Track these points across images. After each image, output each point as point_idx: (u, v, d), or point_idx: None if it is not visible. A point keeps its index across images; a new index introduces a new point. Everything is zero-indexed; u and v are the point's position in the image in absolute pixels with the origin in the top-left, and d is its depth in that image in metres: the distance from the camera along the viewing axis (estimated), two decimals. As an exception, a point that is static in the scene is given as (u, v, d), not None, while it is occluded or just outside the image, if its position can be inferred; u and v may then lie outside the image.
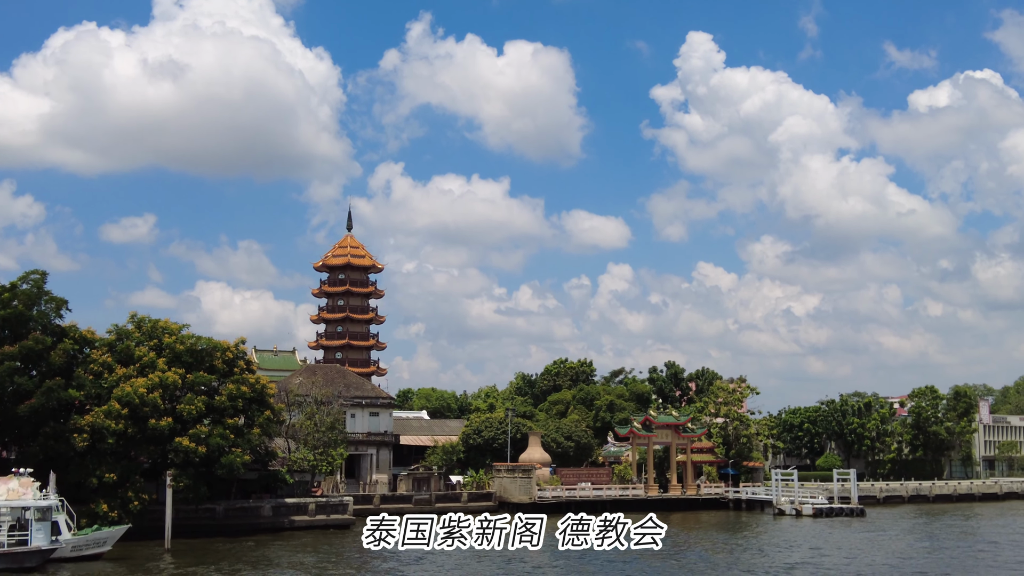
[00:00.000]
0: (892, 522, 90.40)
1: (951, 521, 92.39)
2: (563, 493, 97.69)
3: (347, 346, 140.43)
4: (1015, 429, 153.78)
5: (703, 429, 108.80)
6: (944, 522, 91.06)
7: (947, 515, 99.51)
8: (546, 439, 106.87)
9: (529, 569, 54.60)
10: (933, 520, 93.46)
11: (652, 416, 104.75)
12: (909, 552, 65.50)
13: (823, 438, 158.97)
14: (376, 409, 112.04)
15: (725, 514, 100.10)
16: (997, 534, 79.41)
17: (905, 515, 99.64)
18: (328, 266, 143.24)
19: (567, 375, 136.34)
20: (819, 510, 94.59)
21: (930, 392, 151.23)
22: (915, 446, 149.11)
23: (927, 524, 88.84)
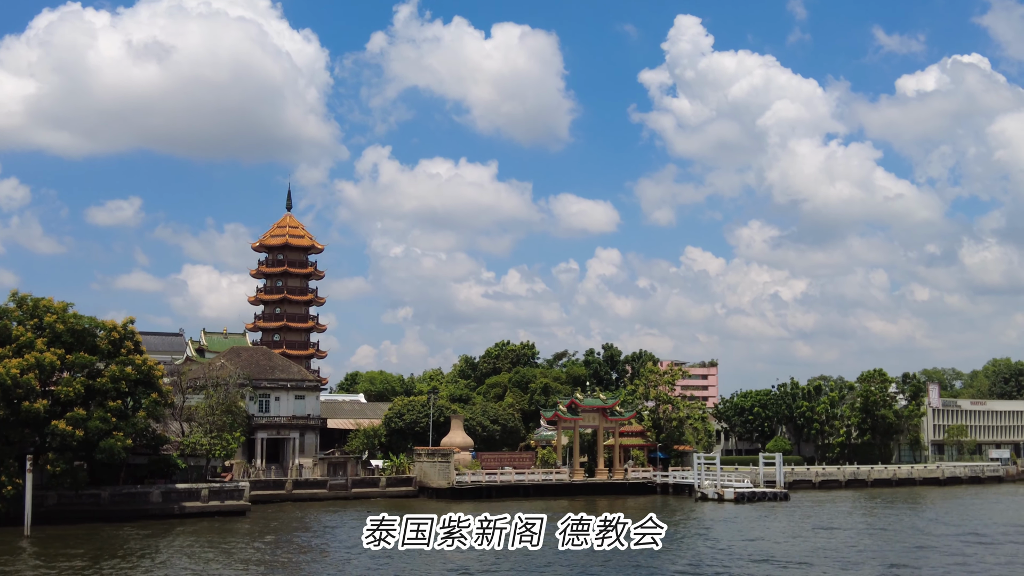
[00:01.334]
0: (812, 507, 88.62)
1: (875, 507, 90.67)
2: (483, 478, 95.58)
3: (285, 328, 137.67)
4: (966, 413, 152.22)
5: (631, 412, 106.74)
6: (866, 508, 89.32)
7: (876, 500, 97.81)
8: (471, 423, 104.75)
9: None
10: (857, 506, 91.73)
11: (578, 399, 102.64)
12: (798, 534, 63.62)
13: (773, 422, 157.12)
14: (302, 392, 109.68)
15: (652, 499, 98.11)
16: (901, 521, 77.64)
17: (832, 500, 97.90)
18: (266, 246, 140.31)
19: (508, 358, 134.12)
20: (741, 495, 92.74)
21: (879, 375, 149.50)
22: (863, 430, 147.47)
23: (848, 510, 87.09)
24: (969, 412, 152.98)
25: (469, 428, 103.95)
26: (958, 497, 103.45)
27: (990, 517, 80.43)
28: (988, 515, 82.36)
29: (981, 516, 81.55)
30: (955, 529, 70.49)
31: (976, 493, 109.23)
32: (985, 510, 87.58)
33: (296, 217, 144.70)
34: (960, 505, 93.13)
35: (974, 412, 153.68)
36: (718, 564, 52.60)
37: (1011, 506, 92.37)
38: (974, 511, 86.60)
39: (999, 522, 75.84)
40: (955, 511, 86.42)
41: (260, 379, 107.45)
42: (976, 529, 70.13)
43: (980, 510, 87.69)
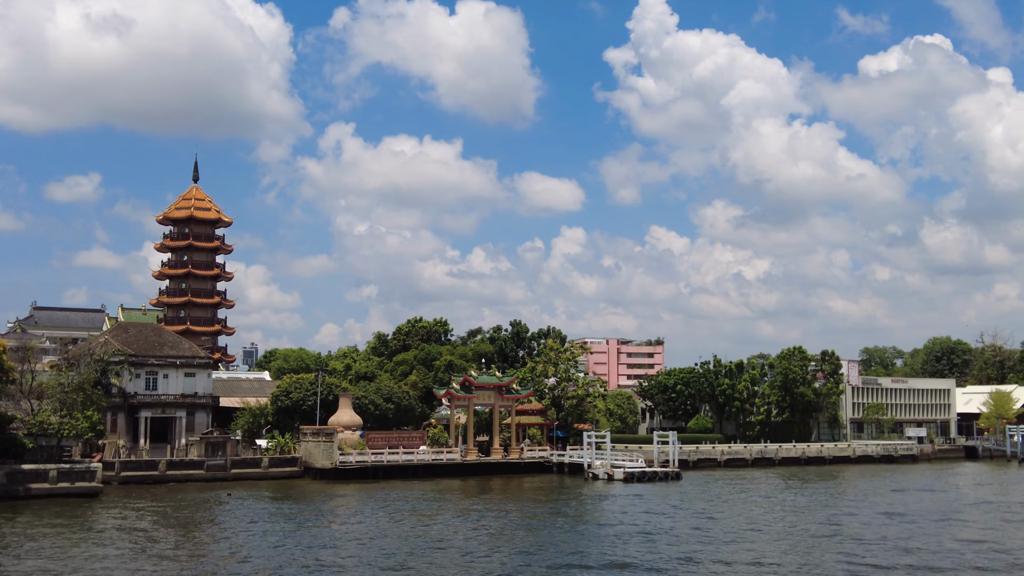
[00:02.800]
0: (698, 487, 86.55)
1: (763, 486, 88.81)
2: (369, 458, 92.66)
3: (189, 303, 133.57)
4: (886, 391, 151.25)
5: (528, 390, 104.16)
6: (752, 488, 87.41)
7: (773, 479, 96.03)
8: (363, 401, 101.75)
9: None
10: (747, 485, 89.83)
11: (472, 377, 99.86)
12: (659, 512, 61.28)
13: (696, 400, 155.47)
14: (192, 369, 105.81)
15: (547, 478, 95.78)
16: (770, 501, 75.74)
17: (728, 478, 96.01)
18: (170, 219, 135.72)
19: (418, 335, 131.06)
20: (630, 474, 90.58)
21: (798, 353, 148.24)
22: (783, 408, 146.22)
23: (732, 490, 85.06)
24: (890, 390, 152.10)
25: (360, 407, 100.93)
26: (863, 477, 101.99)
27: (870, 500, 78.71)
28: (871, 497, 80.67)
29: (861, 498, 79.84)
30: (813, 516, 68.52)
31: (883, 473, 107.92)
32: (873, 491, 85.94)
33: (203, 189, 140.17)
34: (853, 486, 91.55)
35: (895, 390, 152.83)
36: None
37: (902, 488, 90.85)
38: (861, 492, 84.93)
39: (865, 508, 74.07)
40: (842, 491, 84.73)
41: (147, 356, 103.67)
42: (833, 517, 68.24)
43: (869, 491, 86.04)
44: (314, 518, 63.23)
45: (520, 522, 61.04)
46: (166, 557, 47.33)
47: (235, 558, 47.15)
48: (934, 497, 79.44)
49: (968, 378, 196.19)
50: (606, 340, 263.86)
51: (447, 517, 63.24)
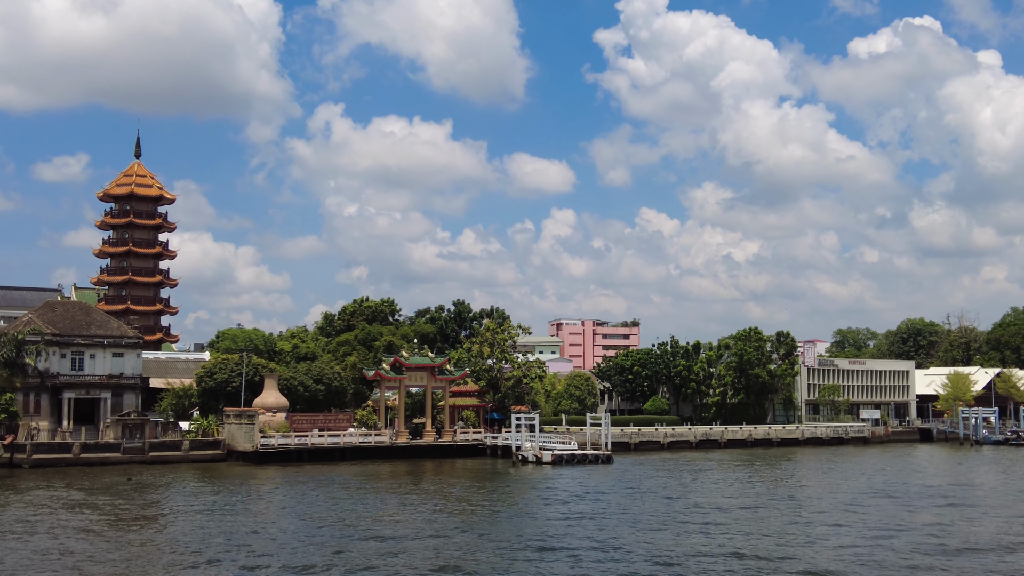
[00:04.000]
0: (626, 469, 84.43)
1: (692, 468, 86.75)
2: (292, 441, 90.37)
3: (129, 282, 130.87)
4: (844, 373, 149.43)
5: (461, 371, 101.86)
6: (682, 470, 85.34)
7: (710, 462, 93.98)
8: (291, 382, 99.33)
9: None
10: (677, 468, 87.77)
11: (403, 358, 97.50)
12: (560, 497, 59.10)
13: (653, 381, 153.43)
14: (120, 350, 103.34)
15: (479, 461, 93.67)
16: (685, 486, 73.67)
17: (663, 461, 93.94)
18: (111, 195, 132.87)
19: (363, 314, 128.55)
20: (559, 457, 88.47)
21: (754, 334, 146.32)
22: (738, 389, 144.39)
23: (662, 472, 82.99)
24: (847, 372, 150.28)
25: (289, 388, 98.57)
26: (800, 460, 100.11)
27: (779, 484, 76.73)
28: (785, 481, 78.70)
29: (769, 482, 77.87)
30: (685, 502, 66.44)
31: (825, 456, 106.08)
32: (793, 474, 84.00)
33: (145, 165, 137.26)
34: (780, 469, 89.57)
35: (852, 372, 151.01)
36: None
37: (834, 471, 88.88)
38: (776, 476, 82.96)
39: (774, 492, 72.03)
40: (771, 475, 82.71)
41: (72, 335, 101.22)
42: (719, 503, 66.18)
43: (788, 474, 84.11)
44: (207, 503, 60.85)
45: (421, 507, 58.78)
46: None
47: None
48: (838, 482, 77.45)
49: (934, 359, 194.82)
50: (581, 321, 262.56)
51: (347, 503, 60.95)
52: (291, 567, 40.18)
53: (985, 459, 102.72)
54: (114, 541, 46.34)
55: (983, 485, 75.10)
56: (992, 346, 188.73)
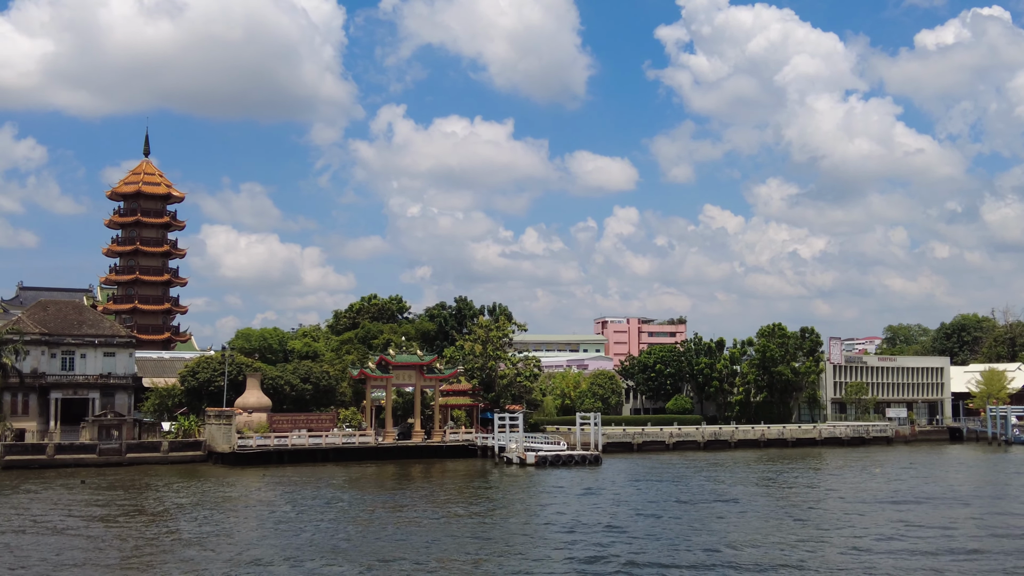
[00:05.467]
0: (615, 472, 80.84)
1: (682, 471, 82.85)
2: (272, 441, 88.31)
3: (136, 281, 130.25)
4: (871, 370, 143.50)
5: (452, 370, 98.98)
6: (672, 472, 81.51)
7: (709, 465, 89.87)
8: (277, 382, 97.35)
9: None
10: (668, 470, 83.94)
11: (390, 356, 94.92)
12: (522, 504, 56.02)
13: (677, 379, 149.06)
14: (112, 349, 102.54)
15: (468, 463, 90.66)
16: (652, 489, 69.88)
17: (659, 463, 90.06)
18: (119, 194, 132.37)
19: (369, 312, 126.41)
20: (543, 459, 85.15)
21: (778, 330, 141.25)
22: (761, 387, 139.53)
23: (650, 475, 79.31)
24: (876, 369, 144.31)
25: (275, 388, 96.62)
26: (815, 460, 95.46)
27: (769, 491, 72.54)
28: (773, 487, 74.48)
29: (754, 485, 73.69)
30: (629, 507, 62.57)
31: (841, 456, 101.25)
32: (794, 479, 79.66)
33: (154, 163, 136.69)
34: (773, 470, 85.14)
35: (882, 369, 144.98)
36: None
37: (832, 473, 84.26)
38: (778, 480, 78.65)
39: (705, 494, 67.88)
40: (759, 479, 78.50)
41: (63, 335, 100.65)
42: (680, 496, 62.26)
43: (791, 479, 79.76)
44: (159, 508, 58.85)
45: (384, 512, 56.12)
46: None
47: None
48: (816, 491, 72.98)
49: (979, 356, 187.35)
50: (627, 319, 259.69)
51: (292, 509, 58.52)
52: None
53: (1004, 461, 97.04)
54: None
55: (971, 493, 70.21)
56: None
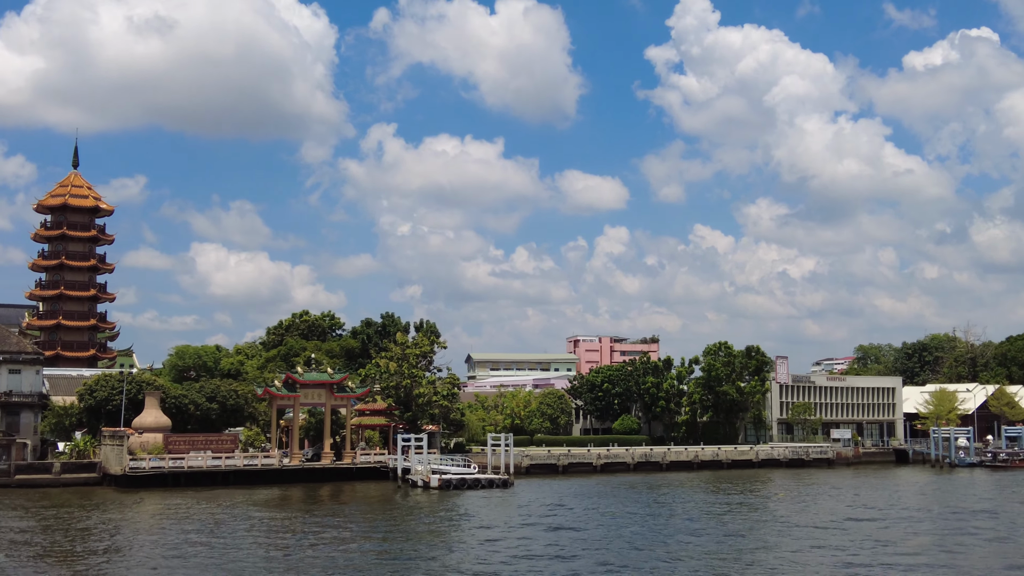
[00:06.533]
0: (522, 497, 77.26)
1: (589, 498, 79.36)
2: (166, 463, 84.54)
3: (61, 296, 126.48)
4: (820, 390, 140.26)
5: (364, 388, 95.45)
6: (581, 497, 78.03)
7: (624, 488, 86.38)
8: (182, 400, 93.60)
9: None
10: (579, 495, 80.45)
11: (298, 374, 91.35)
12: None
13: (625, 399, 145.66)
14: (17, 366, 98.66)
15: (378, 486, 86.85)
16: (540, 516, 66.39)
17: (577, 486, 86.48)
18: (46, 207, 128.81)
19: (299, 329, 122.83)
20: (447, 482, 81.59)
21: (724, 349, 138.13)
22: (707, 407, 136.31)
23: (556, 500, 75.80)
24: (824, 389, 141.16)
25: (179, 407, 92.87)
26: (732, 484, 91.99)
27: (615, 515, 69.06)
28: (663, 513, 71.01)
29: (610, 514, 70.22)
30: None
31: (769, 480, 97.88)
32: (695, 506, 76.17)
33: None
34: (668, 497, 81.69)
35: (831, 389, 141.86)
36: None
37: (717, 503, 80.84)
38: (674, 510, 75.17)
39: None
40: (614, 506, 75.05)
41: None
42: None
43: (692, 508, 76.29)
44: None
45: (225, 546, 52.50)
46: None
47: None
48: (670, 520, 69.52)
49: (940, 376, 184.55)
50: (599, 338, 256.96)
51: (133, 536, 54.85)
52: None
53: (934, 485, 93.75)
54: None
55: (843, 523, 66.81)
56: (999, 362, 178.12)
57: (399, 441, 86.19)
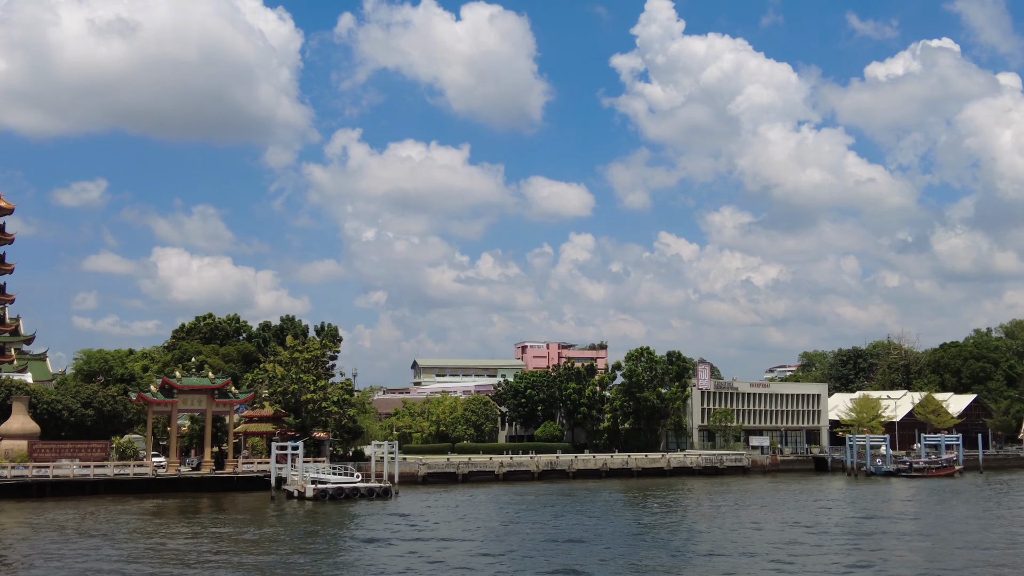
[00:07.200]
0: (401, 508, 73.64)
1: (474, 506, 75.90)
2: (30, 472, 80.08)
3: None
4: (744, 397, 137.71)
5: (248, 394, 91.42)
6: (466, 507, 74.54)
7: (526, 496, 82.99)
8: (55, 406, 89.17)
9: None
10: (466, 501, 76.98)
11: (175, 379, 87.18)
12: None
13: (548, 405, 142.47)
14: None
15: (253, 497, 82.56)
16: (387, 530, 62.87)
17: (467, 497, 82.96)
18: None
19: (201, 332, 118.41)
20: (323, 492, 77.80)
21: (646, 354, 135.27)
22: (628, 414, 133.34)
23: (447, 509, 72.28)
24: (748, 395, 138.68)
25: (51, 413, 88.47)
26: (636, 494, 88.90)
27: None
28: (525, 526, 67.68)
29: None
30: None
31: (674, 488, 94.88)
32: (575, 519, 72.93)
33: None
34: (568, 507, 78.47)
35: (755, 395, 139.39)
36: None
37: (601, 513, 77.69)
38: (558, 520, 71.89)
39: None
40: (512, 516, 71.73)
41: None
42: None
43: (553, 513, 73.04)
44: None
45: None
46: None
47: None
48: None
49: (874, 383, 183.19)
50: (546, 344, 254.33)
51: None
52: None
53: (831, 495, 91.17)
54: None
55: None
56: (933, 369, 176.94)
57: (273, 449, 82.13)
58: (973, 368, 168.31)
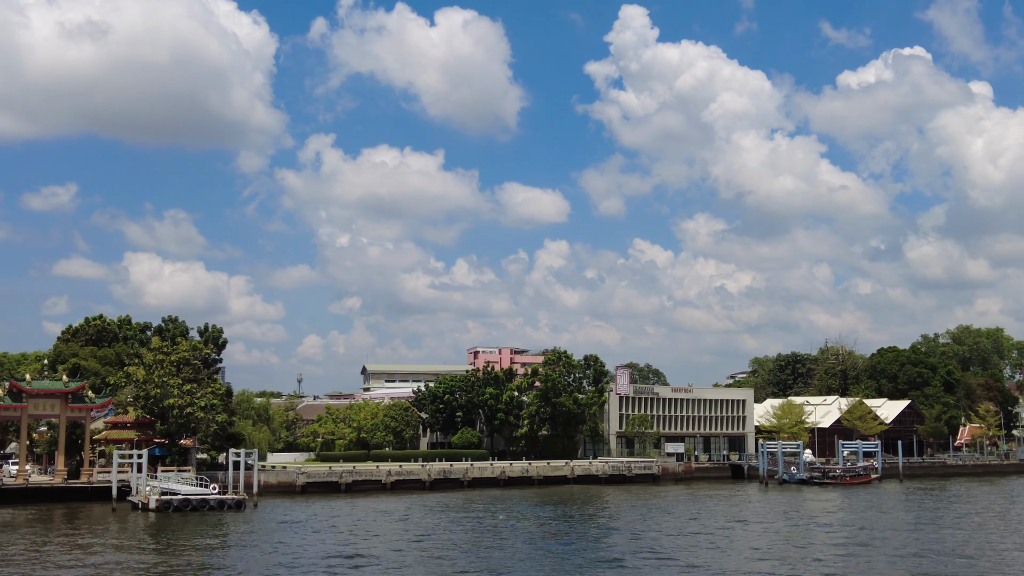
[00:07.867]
0: (254, 522, 68.35)
1: (346, 519, 70.76)
2: None
3: None
4: (665, 402, 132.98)
5: (106, 399, 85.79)
6: (331, 521, 69.35)
7: (417, 507, 77.90)
8: None
9: None
10: (328, 513, 71.81)
11: (24, 382, 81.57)
12: None
13: (467, 411, 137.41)
14: None
15: (104, 508, 77.15)
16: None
17: (332, 512, 77.72)
18: None
19: (87, 334, 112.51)
20: (166, 503, 72.42)
21: (564, 358, 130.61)
22: (544, 420, 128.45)
23: (300, 522, 67.08)
24: (669, 401, 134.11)
25: None
26: (523, 504, 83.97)
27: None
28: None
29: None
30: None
31: (570, 496, 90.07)
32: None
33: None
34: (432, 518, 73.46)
35: (676, 401, 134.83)
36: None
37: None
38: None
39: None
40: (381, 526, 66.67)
41: None
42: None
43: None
44: None
45: None
46: None
47: None
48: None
49: (811, 388, 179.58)
50: (499, 349, 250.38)
51: None
52: None
53: (715, 505, 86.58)
54: None
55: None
56: (870, 374, 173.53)
57: (115, 457, 76.59)
58: (910, 373, 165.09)
